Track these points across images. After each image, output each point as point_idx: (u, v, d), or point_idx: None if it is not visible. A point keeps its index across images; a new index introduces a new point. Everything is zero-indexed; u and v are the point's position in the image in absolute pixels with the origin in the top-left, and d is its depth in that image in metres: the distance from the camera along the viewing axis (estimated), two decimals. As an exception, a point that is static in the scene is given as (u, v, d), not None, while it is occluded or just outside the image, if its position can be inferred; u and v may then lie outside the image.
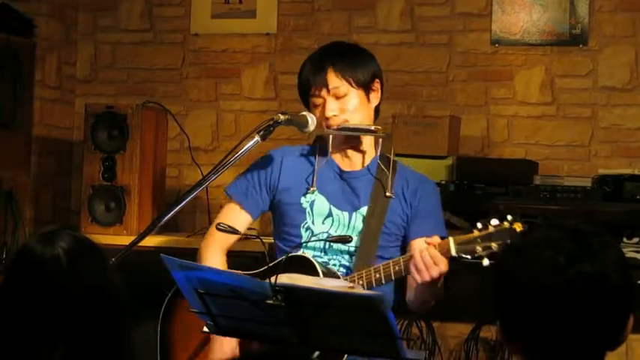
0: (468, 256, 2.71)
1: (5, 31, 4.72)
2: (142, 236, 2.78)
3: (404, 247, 3.01)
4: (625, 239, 4.26)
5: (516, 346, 1.79)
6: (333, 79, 2.95)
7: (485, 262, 2.68)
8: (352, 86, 2.96)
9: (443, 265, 2.70)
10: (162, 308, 3.07)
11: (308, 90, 2.99)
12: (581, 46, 4.66)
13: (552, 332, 1.72)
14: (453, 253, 2.69)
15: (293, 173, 3.06)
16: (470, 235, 2.69)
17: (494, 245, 2.65)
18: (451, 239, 2.71)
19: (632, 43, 4.62)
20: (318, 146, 3.06)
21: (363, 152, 3.04)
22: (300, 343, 2.42)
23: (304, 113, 2.93)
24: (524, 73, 4.75)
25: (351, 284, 2.67)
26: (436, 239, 2.74)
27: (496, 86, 4.78)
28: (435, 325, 4.71)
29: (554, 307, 1.71)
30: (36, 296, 1.84)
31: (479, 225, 2.69)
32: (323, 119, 2.96)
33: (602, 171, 4.39)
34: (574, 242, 1.73)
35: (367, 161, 3.03)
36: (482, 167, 4.45)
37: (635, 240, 4.27)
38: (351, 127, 2.97)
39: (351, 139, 3.01)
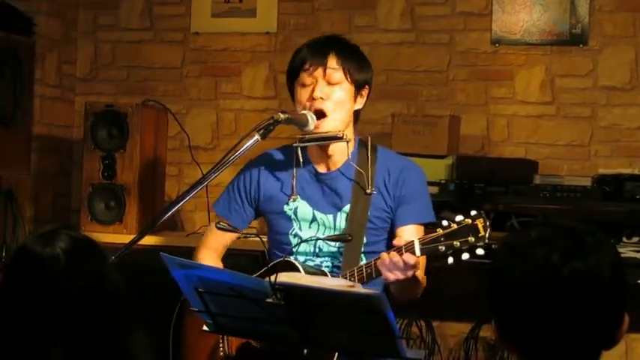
0: (433, 255, 2.71)
1: (5, 29, 4.72)
2: (141, 235, 2.78)
3: (393, 236, 2.99)
4: (625, 239, 4.27)
5: (511, 345, 1.79)
6: (333, 62, 2.91)
7: (450, 260, 2.67)
8: (347, 78, 2.93)
9: (407, 269, 2.67)
10: (175, 313, 3.08)
11: (301, 67, 2.94)
12: (581, 45, 4.66)
13: (546, 331, 1.72)
14: (418, 253, 2.68)
15: (273, 182, 3.05)
16: (433, 235, 2.68)
17: (456, 243, 2.64)
18: (416, 240, 2.69)
19: (632, 43, 4.62)
20: (295, 149, 3.01)
21: (338, 151, 2.98)
22: (299, 341, 2.43)
23: (304, 112, 2.91)
24: (524, 72, 4.75)
25: (351, 283, 2.67)
26: (402, 240, 2.72)
27: (496, 86, 4.78)
28: (435, 324, 4.71)
29: (547, 305, 1.70)
30: (35, 296, 1.84)
31: (444, 223, 2.68)
32: (308, 100, 2.91)
33: (602, 170, 4.40)
34: (568, 240, 1.73)
35: (344, 159, 2.98)
36: (482, 166, 4.44)
37: (635, 240, 4.27)
38: (315, 136, 2.92)
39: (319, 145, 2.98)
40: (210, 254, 3.12)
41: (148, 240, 3.38)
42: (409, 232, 2.93)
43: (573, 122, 4.68)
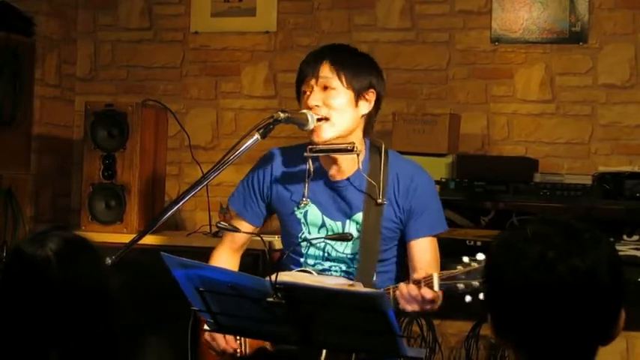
0: (452, 293, 2.69)
1: (5, 29, 4.72)
2: (141, 234, 2.78)
3: (403, 244, 3.00)
4: (625, 237, 4.26)
5: (508, 341, 1.79)
6: (326, 70, 2.91)
7: (468, 298, 2.65)
8: (342, 83, 2.91)
9: (426, 303, 2.68)
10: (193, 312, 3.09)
11: (301, 77, 2.96)
12: (580, 43, 4.66)
13: (543, 327, 1.72)
14: (436, 288, 2.67)
15: (285, 182, 3.05)
16: (454, 272, 2.66)
17: (475, 283, 2.62)
18: (435, 275, 2.68)
19: (631, 40, 4.62)
20: (307, 159, 3.01)
21: (348, 160, 2.97)
22: (300, 341, 2.43)
23: (304, 111, 2.91)
24: (524, 71, 4.75)
25: (352, 282, 2.67)
26: (422, 274, 2.71)
27: (496, 84, 4.78)
28: (436, 322, 4.72)
29: (544, 301, 1.71)
30: (29, 297, 1.84)
31: (464, 259, 2.65)
32: (306, 108, 2.92)
33: (602, 168, 4.40)
34: (564, 237, 1.73)
35: (354, 167, 2.97)
36: (482, 165, 4.44)
37: (636, 238, 4.27)
38: (325, 147, 2.92)
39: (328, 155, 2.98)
40: (226, 254, 3.15)
41: (149, 240, 3.37)
42: (423, 246, 2.94)
43: (573, 120, 4.68)
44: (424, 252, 2.91)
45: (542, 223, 1.78)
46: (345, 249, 2.95)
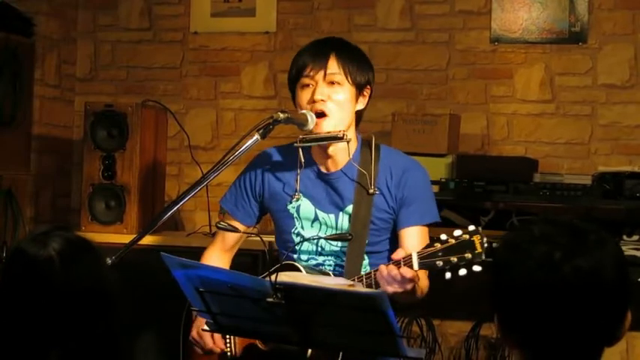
0: (431, 270, 2.69)
1: (5, 29, 4.72)
2: (141, 235, 2.78)
3: (395, 237, 3.00)
4: (625, 237, 4.27)
5: (514, 341, 1.79)
6: (333, 65, 2.92)
7: (448, 275, 2.64)
8: (348, 79, 2.93)
9: (405, 282, 2.66)
10: (185, 311, 3.09)
11: (302, 71, 2.94)
12: (580, 43, 4.66)
13: (548, 328, 1.72)
14: (416, 267, 2.66)
15: (277, 179, 3.06)
16: (431, 249, 2.65)
17: (453, 259, 2.62)
18: (414, 254, 2.67)
19: (631, 40, 4.62)
20: (300, 148, 3.01)
21: (340, 152, 2.98)
22: (300, 341, 2.43)
23: (304, 111, 2.91)
24: (523, 71, 4.75)
25: (352, 282, 2.67)
26: (401, 253, 2.70)
27: (496, 84, 4.78)
28: (436, 323, 4.72)
29: (549, 302, 1.71)
30: (31, 297, 1.84)
31: (442, 237, 2.65)
32: (309, 102, 2.92)
33: (602, 168, 4.40)
34: (570, 238, 1.73)
35: (346, 159, 2.97)
36: (482, 165, 4.44)
37: (635, 238, 4.27)
38: (315, 136, 2.92)
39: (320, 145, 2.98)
40: (216, 254, 3.16)
41: (148, 240, 3.38)
42: (412, 234, 2.93)
43: (573, 120, 4.68)
44: (413, 240, 2.90)
45: (547, 223, 1.78)
46: (338, 242, 2.95)
